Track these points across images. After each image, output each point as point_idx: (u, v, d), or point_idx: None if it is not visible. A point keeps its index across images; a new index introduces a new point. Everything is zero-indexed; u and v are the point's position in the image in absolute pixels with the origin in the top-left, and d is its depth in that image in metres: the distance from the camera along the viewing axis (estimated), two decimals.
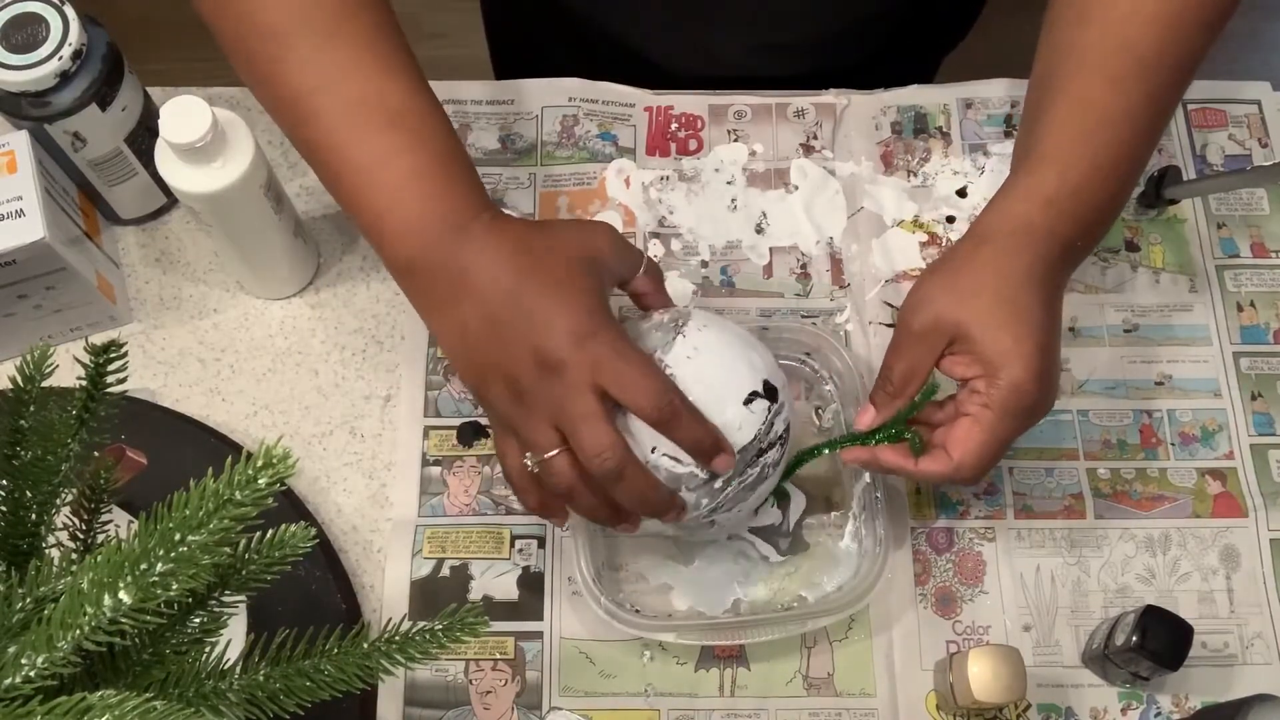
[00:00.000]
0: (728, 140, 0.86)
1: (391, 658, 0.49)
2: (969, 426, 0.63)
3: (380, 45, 0.64)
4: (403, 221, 0.62)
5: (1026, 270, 0.62)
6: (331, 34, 0.63)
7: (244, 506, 0.40)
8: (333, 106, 0.62)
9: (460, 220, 0.62)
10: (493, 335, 0.60)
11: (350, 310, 0.82)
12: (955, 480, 0.65)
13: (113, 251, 0.82)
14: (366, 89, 0.63)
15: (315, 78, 0.63)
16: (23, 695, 0.39)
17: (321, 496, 0.77)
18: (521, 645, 0.73)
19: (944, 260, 0.65)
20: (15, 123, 0.73)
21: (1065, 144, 0.63)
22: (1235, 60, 0.77)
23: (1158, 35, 0.64)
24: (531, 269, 0.61)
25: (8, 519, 0.50)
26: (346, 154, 0.63)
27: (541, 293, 0.60)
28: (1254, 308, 0.82)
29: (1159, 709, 0.72)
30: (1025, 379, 0.61)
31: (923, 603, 0.74)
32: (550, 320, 0.59)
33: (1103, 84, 0.64)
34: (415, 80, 0.64)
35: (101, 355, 0.51)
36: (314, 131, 0.63)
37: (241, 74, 0.66)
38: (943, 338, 0.63)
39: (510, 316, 0.60)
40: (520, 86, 0.88)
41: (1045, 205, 0.63)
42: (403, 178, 0.62)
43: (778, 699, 0.72)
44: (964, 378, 0.63)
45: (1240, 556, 0.75)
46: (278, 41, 0.63)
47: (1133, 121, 0.64)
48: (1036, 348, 0.61)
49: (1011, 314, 0.61)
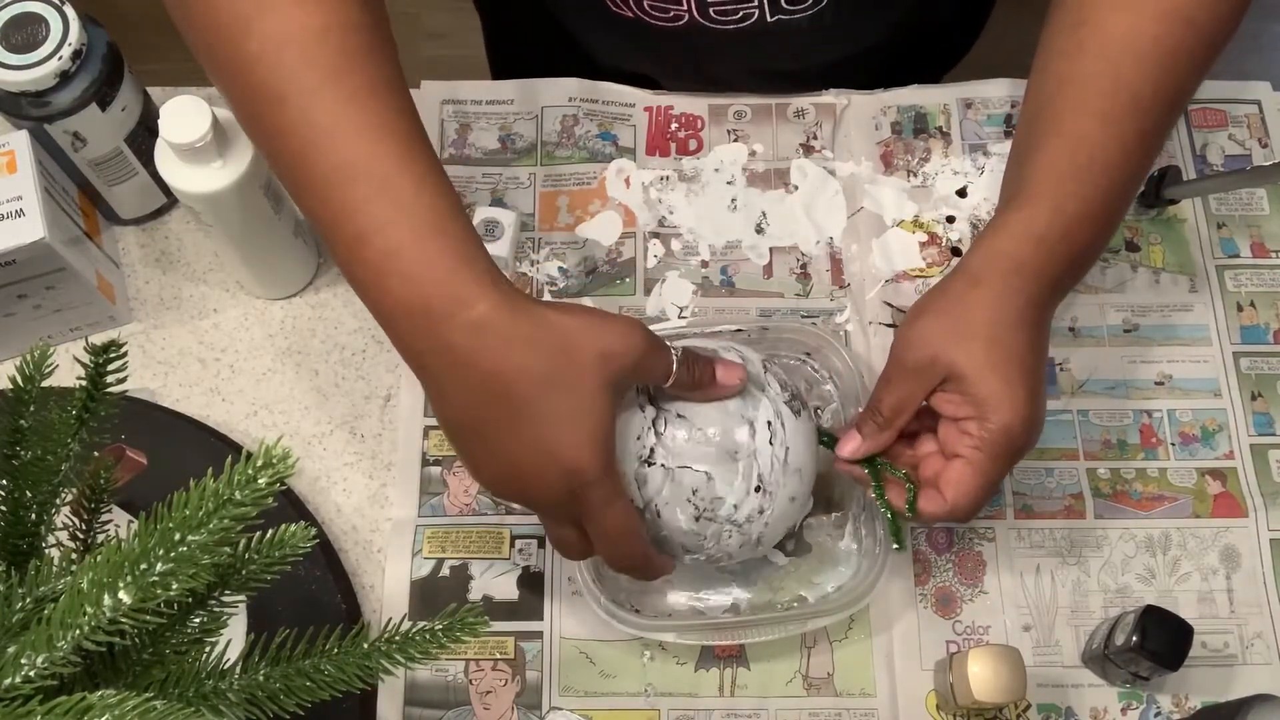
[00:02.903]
0: (728, 140, 0.86)
1: (391, 658, 0.49)
2: (962, 469, 0.63)
3: (374, 103, 0.57)
4: (386, 303, 0.57)
5: (1019, 314, 0.62)
6: (321, 92, 0.57)
7: (244, 506, 0.40)
8: (320, 172, 0.57)
9: (447, 305, 0.55)
10: (483, 445, 0.57)
11: (350, 310, 0.82)
12: (948, 520, 0.66)
13: (113, 251, 0.82)
14: (353, 154, 0.57)
15: (304, 139, 0.57)
16: (23, 695, 0.39)
17: (321, 496, 0.77)
18: (521, 645, 0.73)
19: (938, 298, 0.65)
20: (15, 123, 0.73)
21: (1057, 182, 0.63)
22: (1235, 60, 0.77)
23: (1153, 74, 0.64)
24: (535, 383, 0.55)
25: (8, 519, 0.50)
26: (335, 225, 0.57)
27: (543, 420, 0.55)
28: (1254, 308, 0.82)
29: (1159, 709, 0.72)
30: (1015, 423, 0.61)
31: (923, 603, 0.74)
32: (544, 460, 0.56)
33: (1097, 122, 0.63)
34: (409, 143, 0.58)
35: (101, 355, 0.51)
36: (308, 199, 0.58)
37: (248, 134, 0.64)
38: (936, 376, 0.63)
39: (502, 435, 0.56)
40: (520, 86, 0.88)
41: (1036, 244, 0.63)
42: (385, 254, 0.56)
43: (778, 699, 0.72)
44: (954, 416, 0.64)
45: (1240, 556, 0.75)
46: (270, 102, 0.58)
47: (1125, 160, 0.64)
48: (1027, 393, 0.62)
49: (1004, 358, 0.62)
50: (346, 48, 0.58)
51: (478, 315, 0.55)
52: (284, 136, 0.58)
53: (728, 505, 0.63)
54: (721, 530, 0.64)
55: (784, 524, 0.66)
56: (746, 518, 0.64)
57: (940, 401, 0.64)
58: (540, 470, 0.56)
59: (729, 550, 0.65)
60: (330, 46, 0.57)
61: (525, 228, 0.83)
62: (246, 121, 0.61)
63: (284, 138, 0.58)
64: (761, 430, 0.63)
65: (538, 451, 0.56)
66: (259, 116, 0.59)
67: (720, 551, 0.65)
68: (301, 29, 0.57)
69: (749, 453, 0.63)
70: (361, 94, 0.57)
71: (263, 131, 0.59)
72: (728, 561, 0.67)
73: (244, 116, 0.61)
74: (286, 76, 0.57)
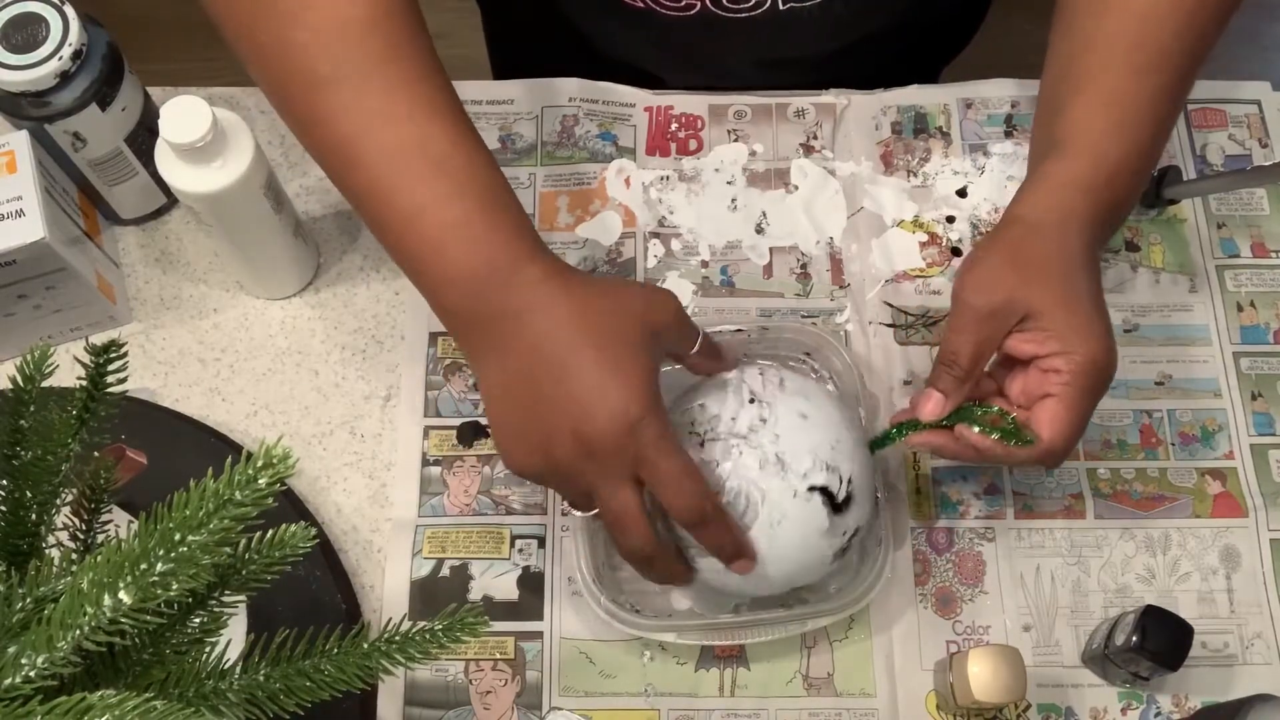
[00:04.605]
0: (728, 140, 0.86)
1: (391, 658, 0.49)
2: (1055, 407, 0.63)
3: (423, 88, 0.62)
4: (445, 270, 0.60)
5: (1083, 253, 0.64)
6: (373, 77, 0.61)
7: (244, 506, 0.40)
8: (374, 153, 0.61)
9: (507, 269, 0.60)
10: (534, 399, 0.59)
11: (350, 310, 0.82)
12: (1043, 462, 0.65)
13: (113, 251, 0.82)
14: (408, 135, 0.61)
15: (356, 123, 0.61)
16: (23, 695, 0.39)
17: (321, 496, 0.77)
18: (521, 645, 0.73)
19: (997, 244, 0.66)
20: (15, 123, 0.73)
21: (1097, 135, 0.65)
22: (1235, 60, 0.77)
23: (1176, 27, 0.66)
24: (586, 335, 0.59)
25: (8, 519, 0.50)
26: (390, 202, 0.61)
27: (594, 366, 0.58)
28: (1254, 308, 0.82)
29: (1159, 709, 0.72)
30: (1100, 353, 0.63)
31: (923, 603, 0.74)
32: (597, 400, 0.58)
33: (1129, 76, 0.66)
34: (460, 124, 0.62)
35: (101, 355, 0.51)
36: (357, 179, 0.62)
37: (282, 116, 0.65)
38: (1013, 317, 0.64)
39: (555, 384, 0.58)
40: (520, 86, 0.88)
41: (1084, 193, 0.64)
42: (446, 225, 0.60)
43: (778, 699, 0.72)
44: (1034, 355, 0.64)
45: (1240, 556, 0.75)
46: (314, 85, 0.61)
47: (1156, 112, 0.66)
48: (1105, 325, 0.64)
49: (1077, 294, 0.63)
50: (393, 35, 0.62)
51: (538, 272, 0.60)
52: (333, 121, 0.61)
53: (725, 420, 0.64)
54: (729, 448, 0.64)
55: (805, 441, 0.64)
56: (749, 428, 0.64)
57: (1018, 343, 0.64)
58: (593, 413, 0.58)
59: (751, 478, 0.63)
60: (379, 34, 0.61)
61: None
62: (288, 106, 0.64)
63: (333, 122, 0.61)
64: (748, 365, 0.68)
65: (593, 392, 0.58)
66: (304, 102, 0.62)
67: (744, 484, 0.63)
68: (350, 18, 0.61)
69: (738, 380, 0.66)
70: (411, 79, 0.61)
71: (308, 117, 0.62)
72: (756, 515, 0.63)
73: (285, 101, 0.63)
74: (337, 63, 0.61)
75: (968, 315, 0.65)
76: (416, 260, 0.61)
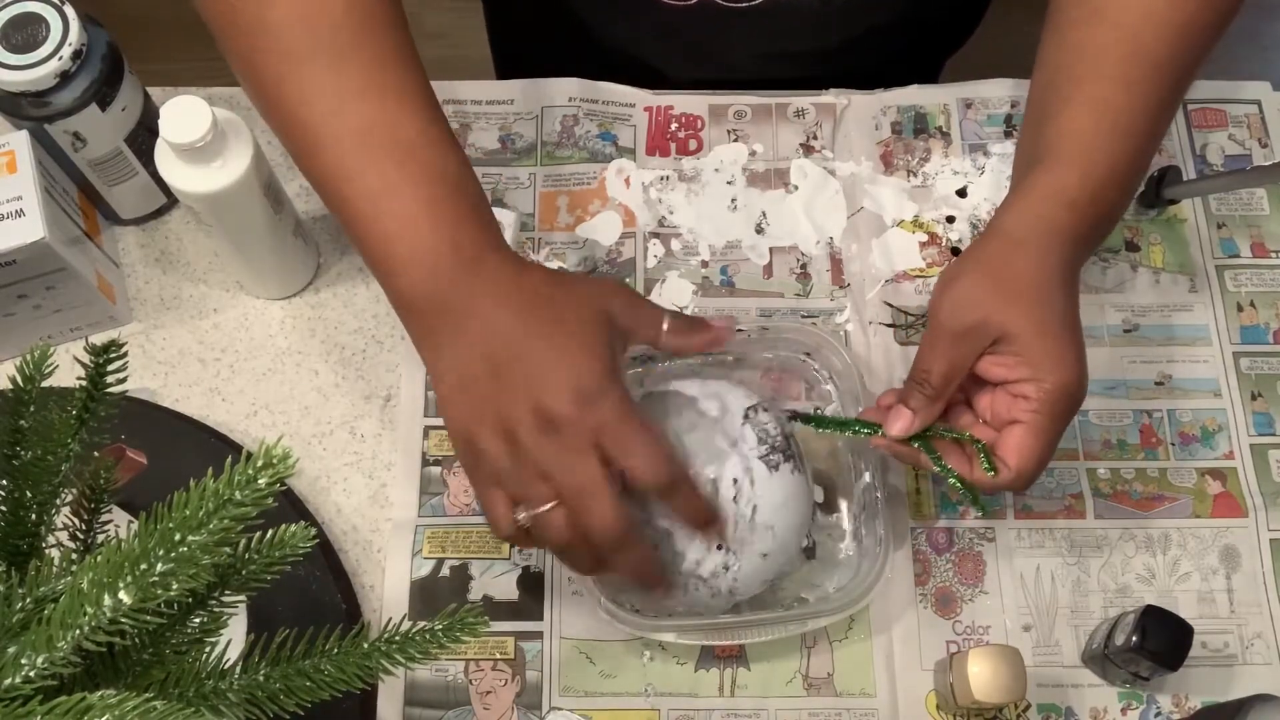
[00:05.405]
0: (728, 140, 0.86)
1: (391, 658, 0.49)
2: (1023, 434, 0.62)
3: (394, 71, 0.62)
4: (411, 250, 0.60)
5: (1060, 275, 0.63)
6: (345, 57, 0.61)
7: (244, 506, 0.40)
8: (343, 132, 0.61)
9: (472, 253, 0.60)
10: (493, 380, 0.59)
11: (350, 310, 0.82)
12: (1013, 488, 0.65)
13: (113, 251, 0.82)
14: (378, 116, 0.61)
15: (326, 102, 0.61)
16: (23, 695, 0.39)
17: (321, 496, 0.77)
18: (521, 645, 0.73)
19: (976, 260, 0.64)
20: (15, 123, 0.73)
21: (1083, 148, 0.64)
22: (1235, 60, 0.77)
23: (1170, 40, 0.65)
24: (542, 317, 0.59)
25: (8, 519, 0.50)
26: (356, 181, 0.61)
27: (551, 344, 0.59)
28: (1254, 308, 0.82)
29: (1159, 709, 0.72)
30: (1071, 381, 0.62)
31: (923, 603, 0.74)
32: (557, 374, 0.58)
33: (1119, 88, 0.64)
34: (430, 110, 0.62)
35: (101, 355, 0.51)
36: (323, 157, 0.61)
37: (251, 95, 0.65)
38: (987, 338, 0.63)
39: (514, 363, 0.58)
40: (520, 86, 0.88)
41: (1069, 208, 0.63)
42: (414, 206, 0.60)
43: (778, 699, 0.72)
44: (1003, 380, 0.63)
45: (1240, 556, 0.75)
46: (290, 63, 0.61)
47: (1146, 125, 0.65)
48: (1077, 351, 0.62)
49: (1053, 317, 0.62)
50: (370, 18, 0.62)
51: (498, 260, 0.61)
52: (303, 98, 0.61)
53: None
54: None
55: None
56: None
57: (989, 365, 0.64)
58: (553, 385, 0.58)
59: (701, 601, 0.66)
60: (355, 14, 0.62)
61: (525, 228, 0.83)
62: (259, 85, 0.63)
63: (303, 99, 0.61)
64: (726, 488, 0.64)
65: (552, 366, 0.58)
66: (275, 78, 0.62)
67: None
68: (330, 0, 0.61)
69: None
70: (386, 62, 0.62)
71: (278, 93, 0.62)
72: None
73: (256, 78, 0.63)
74: (313, 42, 0.61)
75: (942, 334, 0.64)
76: (379, 239, 0.61)
